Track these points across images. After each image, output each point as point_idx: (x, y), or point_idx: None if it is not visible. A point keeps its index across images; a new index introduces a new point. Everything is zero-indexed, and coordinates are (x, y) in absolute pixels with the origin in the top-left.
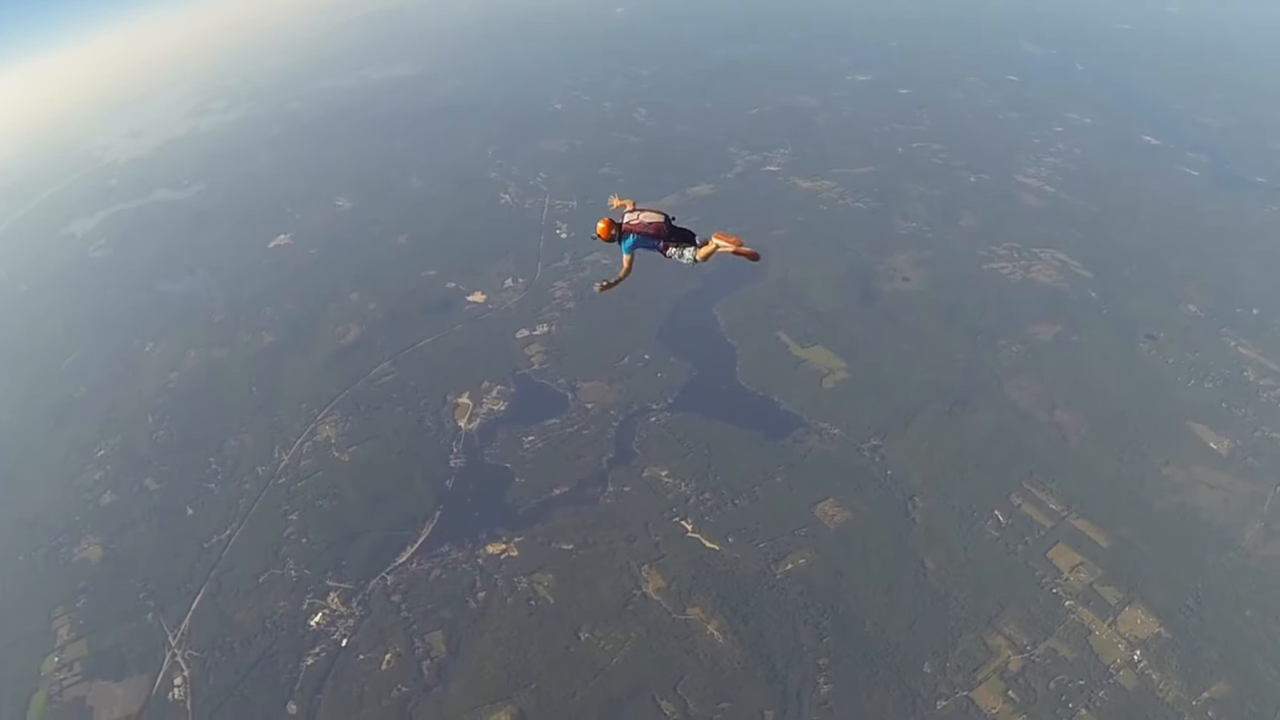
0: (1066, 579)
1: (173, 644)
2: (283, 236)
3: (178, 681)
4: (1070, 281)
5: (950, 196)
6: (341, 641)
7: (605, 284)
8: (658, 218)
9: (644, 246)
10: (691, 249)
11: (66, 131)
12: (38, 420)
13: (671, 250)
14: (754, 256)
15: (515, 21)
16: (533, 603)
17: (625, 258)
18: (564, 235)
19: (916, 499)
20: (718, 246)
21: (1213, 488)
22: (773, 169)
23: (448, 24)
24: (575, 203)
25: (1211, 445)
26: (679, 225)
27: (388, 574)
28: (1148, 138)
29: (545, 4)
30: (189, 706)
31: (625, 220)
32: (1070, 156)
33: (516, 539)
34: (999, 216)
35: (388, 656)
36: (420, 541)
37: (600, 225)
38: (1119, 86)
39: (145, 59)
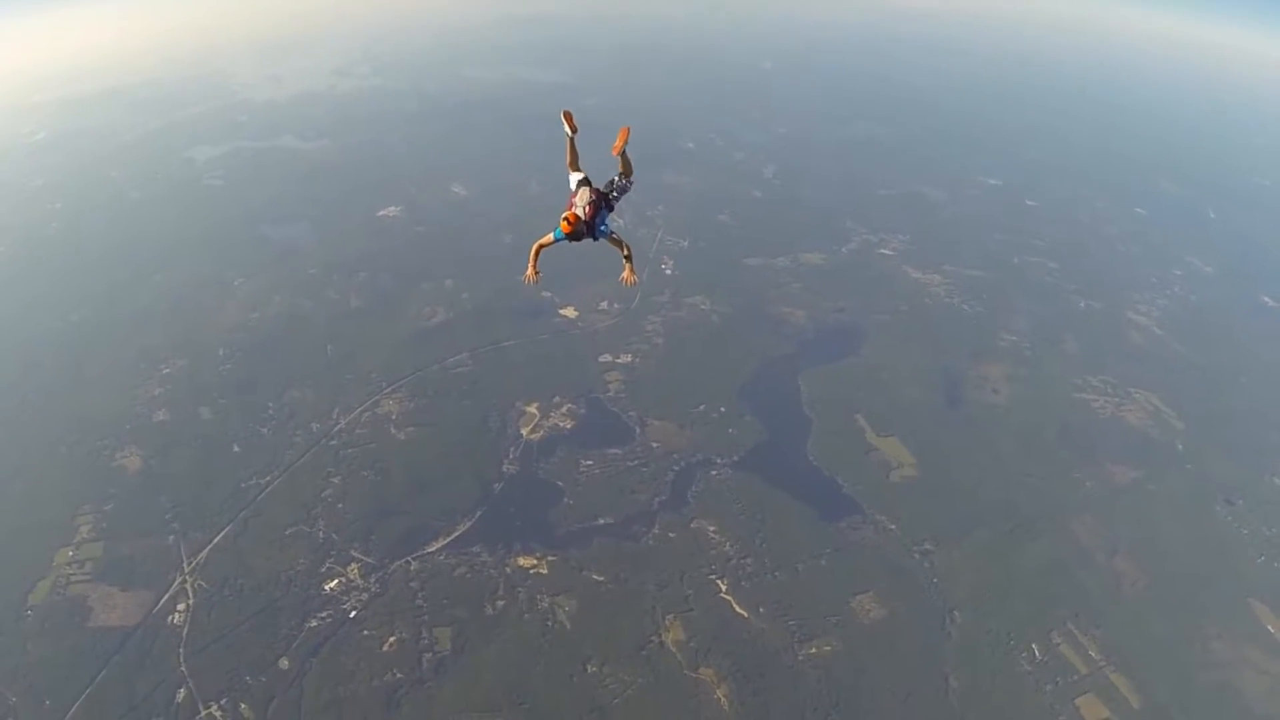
0: None
1: (186, 570)
2: (392, 208)
3: (180, 607)
4: (1159, 428)
5: (1056, 317)
6: (350, 613)
7: (630, 270)
8: (589, 193)
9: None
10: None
11: (212, 62)
12: (116, 323)
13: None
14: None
15: (669, 55)
16: (549, 623)
17: (614, 238)
18: (669, 271)
19: (957, 613)
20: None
21: (1261, 673)
22: (887, 252)
23: (604, 43)
24: (687, 243)
25: (1269, 628)
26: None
27: (413, 559)
28: (1267, 299)
29: (699, 45)
30: (184, 634)
31: (577, 211)
32: (1185, 302)
33: (549, 558)
34: (1101, 348)
35: (391, 639)
36: (454, 536)
37: (565, 220)
38: (1248, 241)
39: (306, 9)
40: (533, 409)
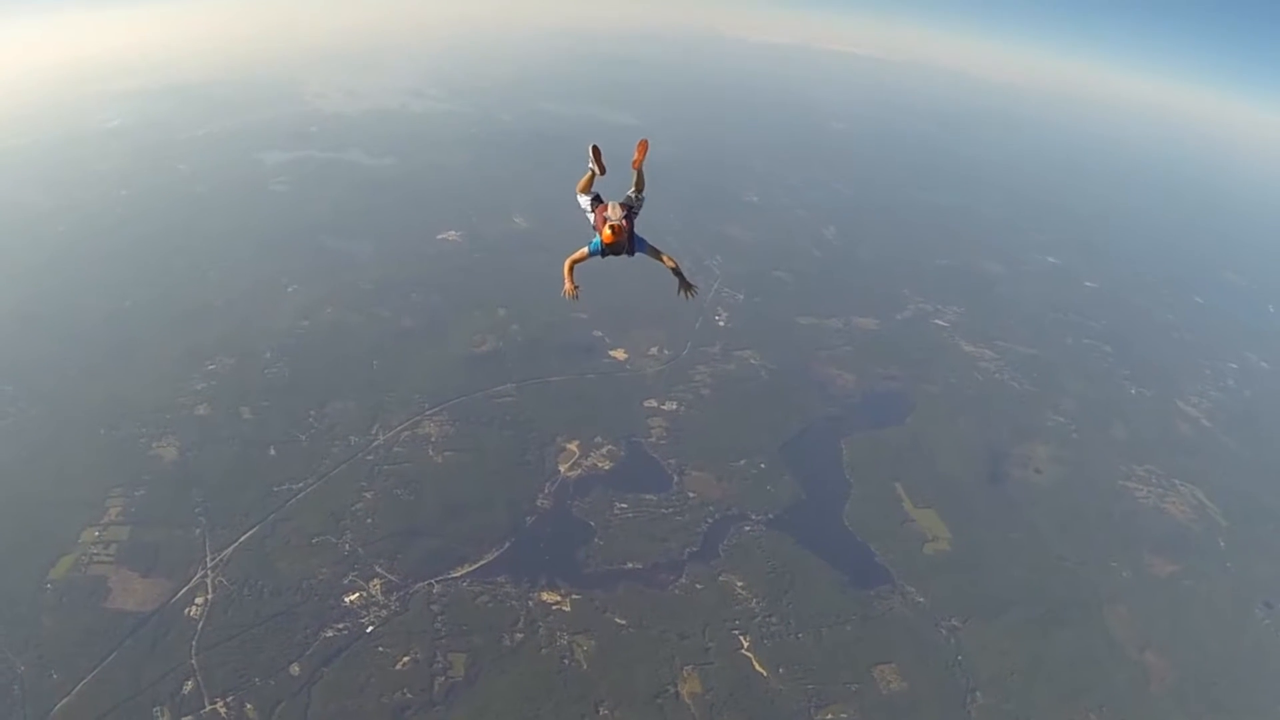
0: None
1: (208, 565)
2: (452, 232)
3: (199, 601)
4: (1203, 524)
5: (1106, 402)
6: (368, 628)
7: (685, 282)
8: (620, 209)
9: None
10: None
11: (289, 69)
12: (167, 314)
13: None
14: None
15: (740, 108)
16: (566, 661)
17: (656, 251)
18: (722, 323)
19: (978, 694)
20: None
21: None
22: (941, 323)
23: (682, 89)
24: (742, 296)
25: None
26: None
27: (436, 581)
28: None
29: (773, 99)
30: (199, 627)
31: (613, 226)
32: (1238, 396)
33: (573, 596)
34: (1149, 436)
35: (405, 659)
36: (480, 564)
37: (610, 229)
38: None
39: (389, 27)
40: (573, 446)
